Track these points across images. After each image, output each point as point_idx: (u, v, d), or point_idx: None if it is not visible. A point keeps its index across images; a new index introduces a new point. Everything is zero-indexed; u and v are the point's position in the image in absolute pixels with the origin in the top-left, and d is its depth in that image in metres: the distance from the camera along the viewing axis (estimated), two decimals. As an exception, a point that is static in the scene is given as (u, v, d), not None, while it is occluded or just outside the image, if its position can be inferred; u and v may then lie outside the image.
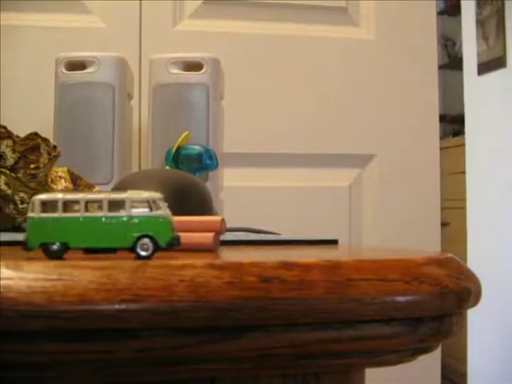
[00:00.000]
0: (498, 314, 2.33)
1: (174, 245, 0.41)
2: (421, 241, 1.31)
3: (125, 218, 0.40)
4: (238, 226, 0.81)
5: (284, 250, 0.54)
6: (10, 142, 0.69)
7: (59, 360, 0.36)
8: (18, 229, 0.72)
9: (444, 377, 1.47)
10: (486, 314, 2.30)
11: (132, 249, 0.40)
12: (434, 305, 0.41)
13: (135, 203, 0.40)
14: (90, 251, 0.41)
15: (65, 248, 0.40)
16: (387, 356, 0.42)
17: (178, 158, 0.88)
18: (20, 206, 0.70)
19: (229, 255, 0.43)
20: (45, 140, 0.71)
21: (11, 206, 0.70)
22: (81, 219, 0.40)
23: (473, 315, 2.35)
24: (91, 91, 0.99)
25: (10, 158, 0.69)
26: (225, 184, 1.09)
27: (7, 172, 0.69)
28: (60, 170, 0.77)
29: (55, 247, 0.39)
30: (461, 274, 0.43)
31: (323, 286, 0.38)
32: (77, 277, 0.36)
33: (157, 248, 0.40)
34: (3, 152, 0.69)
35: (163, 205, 0.41)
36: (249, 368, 0.40)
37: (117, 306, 0.35)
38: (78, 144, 0.97)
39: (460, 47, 2.91)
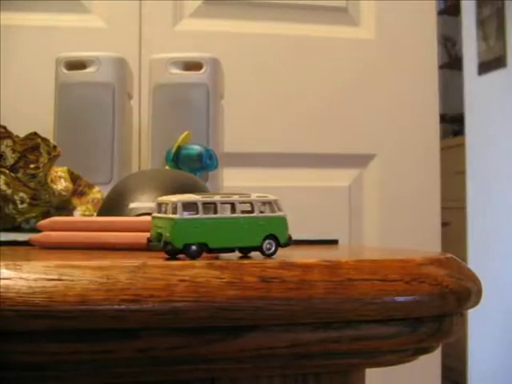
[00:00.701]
0: (498, 314, 2.33)
1: (290, 244, 0.44)
2: (421, 241, 1.31)
3: (256, 219, 0.42)
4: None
5: (284, 250, 0.54)
6: (9, 142, 0.69)
7: (59, 360, 0.36)
8: (17, 229, 0.72)
9: (444, 377, 1.46)
10: (486, 314, 2.30)
11: (259, 248, 0.42)
12: (434, 305, 0.41)
13: (260, 204, 0.43)
14: (216, 251, 0.42)
15: (203, 248, 0.41)
16: (387, 356, 0.42)
17: (177, 157, 0.88)
18: (20, 206, 0.70)
19: (229, 255, 0.43)
20: (45, 140, 0.71)
21: (11, 206, 0.70)
22: (221, 220, 0.41)
23: (473, 315, 2.35)
24: (91, 91, 0.99)
25: (10, 158, 0.69)
26: (225, 184, 1.09)
27: (7, 172, 0.69)
28: (60, 170, 0.77)
29: (195, 248, 0.41)
30: (461, 274, 0.43)
31: (323, 286, 0.38)
32: (77, 277, 0.36)
33: (278, 247, 0.43)
34: (3, 152, 0.69)
35: (282, 206, 0.44)
36: (249, 368, 0.40)
37: (117, 306, 0.35)
38: (78, 144, 0.97)
39: (460, 47, 2.91)
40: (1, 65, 1.15)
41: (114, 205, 0.60)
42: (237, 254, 0.43)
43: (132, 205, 0.58)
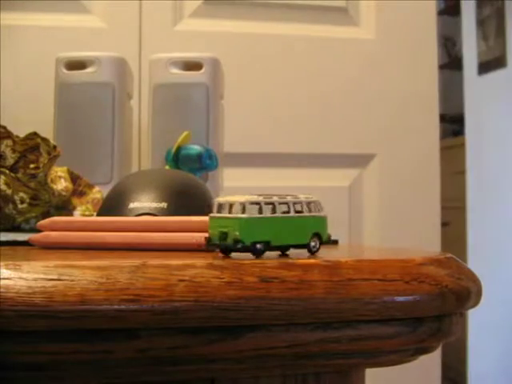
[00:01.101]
0: (498, 314, 2.33)
1: (329, 242, 0.47)
2: (421, 241, 1.31)
3: (307, 219, 0.45)
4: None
5: (284, 249, 0.54)
6: (9, 142, 0.69)
7: (59, 360, 0.36)
8: (17, 229, 0.72)
9: (444, 377, 1.46)
10: (486, 314, 2.30)
11: (306, 245, 0.45)
12: (434, 305, 0.41)
13: (307, 204, 0.46)
14: (276, 248, 0.44)
15: (266, 247, 0.42)
16: (387, 356, 0.42)
17: (177, 158, 0.88)
18: (20, 206, 0.70)
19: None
20: (45, 140, 0.71)
21: (11, 206, 0.69)
22: (281, 220, 0.44)
23: (473, 315, 2.35)
24: (91, 91, 0.99)
25: (10, 158, 0.69)
26: (225, 184, 1.09)
27: (7, 172, 0.69)
28: (60, 170, 0.77)
29: (259, 246, 0.42)
30: (461, 274, 0.43)
31: (323, 286, 0.38)
32: (77, 277, 0.36)
33: (321, 244, 0.45)
34: (3, 152, 0.69)
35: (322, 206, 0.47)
36: (249, 368, 0.40)
37: (116, 306, 0.35)
38: (78, 144, 0.97)
39: (460, 47, 2.91)
40: (1, 65, 1.15)
41: (113, 205, 0.60)
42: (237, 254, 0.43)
43: (132, 205, 0.58)
